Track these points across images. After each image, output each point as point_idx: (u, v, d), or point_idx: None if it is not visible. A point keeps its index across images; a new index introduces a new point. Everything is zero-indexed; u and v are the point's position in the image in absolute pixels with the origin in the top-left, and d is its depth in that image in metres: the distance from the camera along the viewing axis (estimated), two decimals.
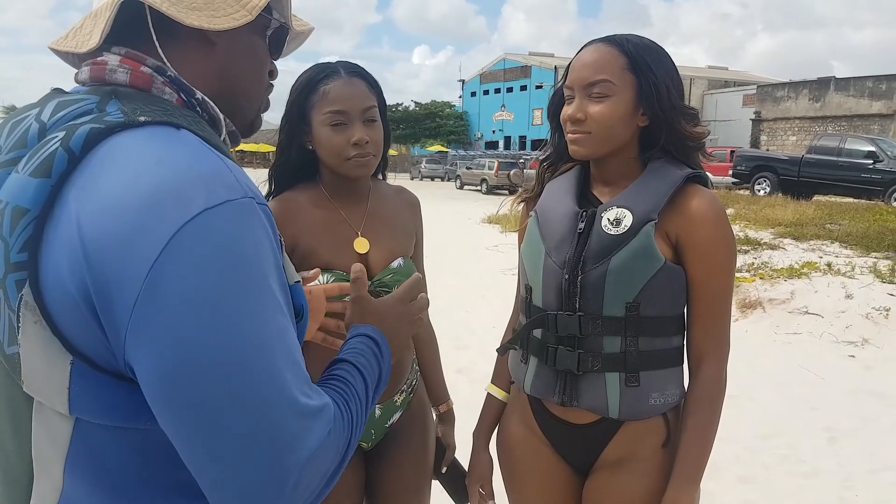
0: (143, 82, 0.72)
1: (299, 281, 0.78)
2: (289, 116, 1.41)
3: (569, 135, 1.25)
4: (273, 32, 0.85)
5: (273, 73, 0.87)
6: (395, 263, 1.45)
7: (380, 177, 1.57)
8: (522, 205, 1.47)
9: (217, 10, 0.73)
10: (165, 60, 0.74)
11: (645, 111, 1.23)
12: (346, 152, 1.36)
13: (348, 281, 1.01)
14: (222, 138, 0.79)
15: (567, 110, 1.24)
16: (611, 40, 1.23)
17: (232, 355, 0.59)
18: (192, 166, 0.62)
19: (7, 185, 0.65)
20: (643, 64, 1.20)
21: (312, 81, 1.37)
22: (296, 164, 1.45)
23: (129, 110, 0.66)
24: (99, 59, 0.74)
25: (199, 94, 0.75)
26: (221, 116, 0.78)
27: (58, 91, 0.74)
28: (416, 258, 1.55)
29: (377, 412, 1.48)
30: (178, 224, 0.58)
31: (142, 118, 0.65)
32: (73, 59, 0.80)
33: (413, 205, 1.57)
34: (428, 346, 1.64)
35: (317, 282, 1.25)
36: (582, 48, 1.27)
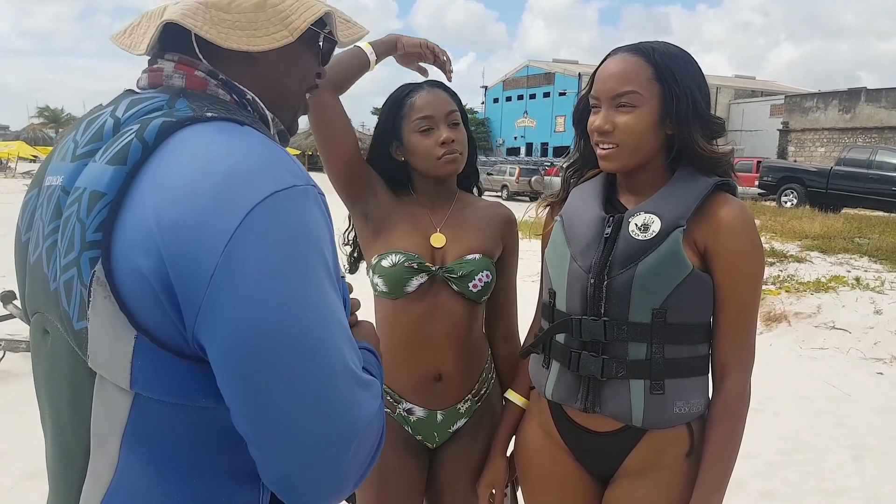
0: (198, 85, 0.78)
1: (344, 276, 0.82)
2: (380, 133, 1.55)
3: (598, 148, 1.24)
4: (323, 43, 0.88)
5: (321, 75, 0.91)
6: (469, 256, 1.50)
7: (475, 191, 1.68)
8: (547, 210, 1.46)
9: (259, 30, 0.77)
10: (212, 68, 0.79)
11: (671, 120, 1.21)
12: (435, 152, 1.47)
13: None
14: (272, 136, 0.83)
15: (594, 121, 1.23)
16: (637, 49, 1.22)
17: (301, 325, 0.63)
18: (259, 154, 0.68)
19: (85, 173, 0.71)
20: (669, 74, 1.19)
21: (399, 98, 1.52)
22: (384, 174, 1.56)
23: (197, 107, 0.73)
24: (155, 66, 0.80)
25: (249, 95, 0.81)
26: (270, 115, 0.83)
27: (130, 91, 0.80)
28: (503, 268, 1.58)
29: (439, 417, 1.52)
30: (251, 205, 0.63)
31: (209, 114, 0.71)
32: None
33: (505, 217, 1.61)
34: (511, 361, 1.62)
35: (389, 259, 1.44)
36: (607, 56, 1.26)
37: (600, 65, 1.26)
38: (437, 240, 1.51)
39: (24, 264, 0.79)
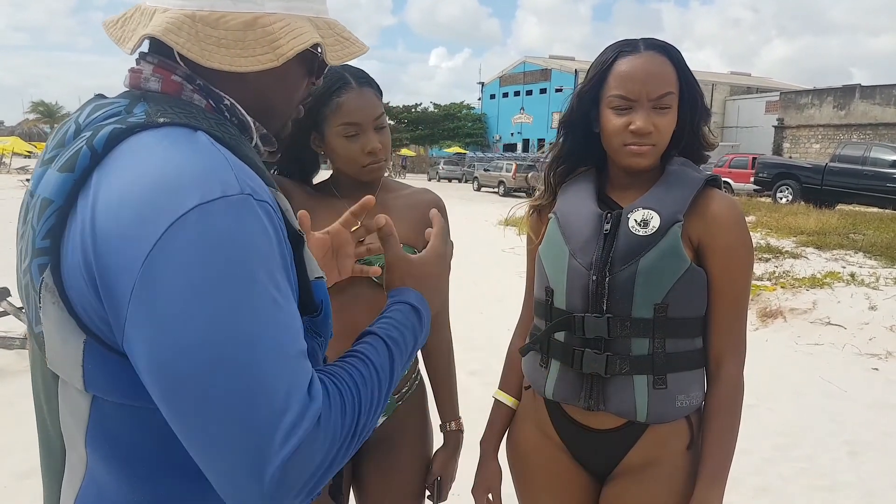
0: (173, 89, 0.77)
1: (321, 277, 0.79)
2: (298, 122, 1.44)
3: (630, 146, 1.22)
4: (316, 61, 0.86)
5: (305, 90, 0.89)
6: None
7: (396, 178, 1.59)
8: (533, 213, 1.44)
9: (245, 49, 0.75)
10: (190, 73, 0.77)
11: (688, 117, 1.25)
12: (361, 160, 1.42)
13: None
14: (254, 143, 0.82)
15: (634, 121, 1.20)
16: (660, 48, 1.23)
17: (214, 347, 0.60)
18: (192, 163, 0.65)
19: (44, 179, 0.71)
20: (686, 72, 1.23)
21: (326, 93, 1.42)
22: (298, 162, 1.51)
23: (153, 112, 0.71)
24: (136, 66, 0.79)
25: (227, 100, 0.79)
26: (250, 120, 0.81)
27: (99, 96, 0.79)
28: None
29: None
30: (172, 218, 0.61)
31: (161, 119, 0.69)
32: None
33: (429, 203, 1.54)
34: (442, 357, 1.58)
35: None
36: (621, 54, 1.23)
37: (613, 62, 1.23)
38: (360, 234, 1.46)
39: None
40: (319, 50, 0.83)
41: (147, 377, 0.63)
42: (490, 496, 1.45)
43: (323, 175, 1.57)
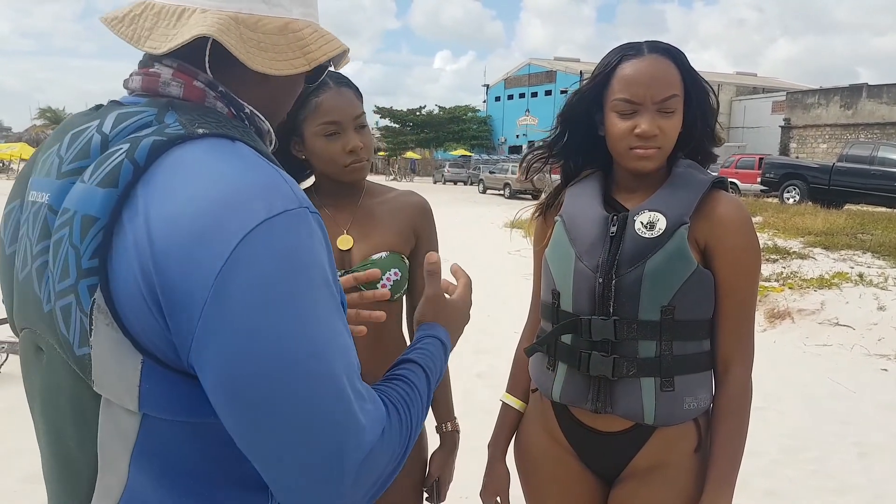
0: (196, 96, 0.75)
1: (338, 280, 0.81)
2: (281, 124, 1.45)
3: (636, 150, 1.22)
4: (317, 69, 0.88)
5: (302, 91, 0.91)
6: (375, 256, 1.43)
7: (404, 180, 1.56)
8: (539, 217, 1.44)
9: (280, 54, 0.76)
10: (212, 79, 0.77)
11: (694, 120, 1.26)
12: (342, 160, 1.40)
13: None
14: (271, 150, 0.82)
15: (639, 125, 1.20)
16: (664, 51, 1.23)
17: (291, 357, 0.62)
18: (251, 178, 0.66)
19: (73, 194, 0.68)
20: (691, 76, 1.24)
21: (303, 95, 1.39)
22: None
23: (187, 121, 0.70)
24: (151, 69, 0.76)
25: (247, 108, 0.79)
26: (268, 128, 0.82)
27: (115, 103, 0.77)
28: (415, 258, 1.49)
29: None
30: (242, 234, 0.62)
31: (200, 130, 0.69)
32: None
33: (414, 205, 1.53)
34: None
35: None
36: (625, 57, 1.23)
37: (617, 65, 1.23)
38: (345, 242, 1.43)
39: (11, 278, 0.77)
40: (328, 61, 0.84)
41: (218, 390, 0.63)
42: (498, 499, 1.45)
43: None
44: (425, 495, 1.55)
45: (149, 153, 0.66)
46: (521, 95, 49.63)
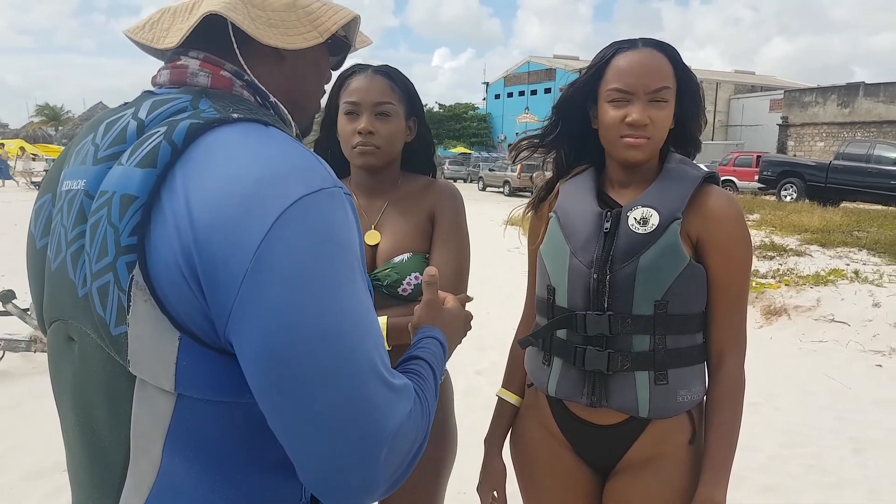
0: (224, 85, 0.78)
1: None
2: (327, 111, 1.51)
3: (626, 139, 1.23)
4: (338, 48, 0.90)
5: (328, 79, 0.93)
6: (397, 258, 1.43)
7: (431, 175, 1.58)
8: (531, 212, 1.45)
9: (290, 29, 0.78)
10: (245, 68, 0.79)
11: (685, 114, 1.28)
12: (351, 140, 1.43)
13: None
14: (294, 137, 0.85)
15: (630, 114, 1.21)
16: (658, 45, 1.25)
17: (330, 330, 0.63)
18: (287, 158, 0.68)
19: (111, 176, 0.70)
20: (683, 70, 1.26)
21: (341, 78, 1.47)
22: (330, 157, 1.53)
23: (221, 107, 0.72)
24: (178, 62, 0.79)
25: (272, 98, 0.81)
26: (290, 118, 0.84)
27: (149, 93, 0.79)
28: (437, 243, 1.46)
29: None
30: (280, 210, 0.63)
31: (235, 115, 0.71)
32: (152, 49, 0.84)
33: (435, 192, 1.50)
34: None
35: None
36: (620, 49, 1.25)
37: (612, 58, 1.25)
38: (372, 237, 1.44)
39: (42, 272, 0.78)
40: (342, 34, 0.86)
41: (254, 363, 0.63)
42: (495, 493, 1.46)
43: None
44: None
45: (186, 135, 0.67)
46: (521, 93, 49.58)
